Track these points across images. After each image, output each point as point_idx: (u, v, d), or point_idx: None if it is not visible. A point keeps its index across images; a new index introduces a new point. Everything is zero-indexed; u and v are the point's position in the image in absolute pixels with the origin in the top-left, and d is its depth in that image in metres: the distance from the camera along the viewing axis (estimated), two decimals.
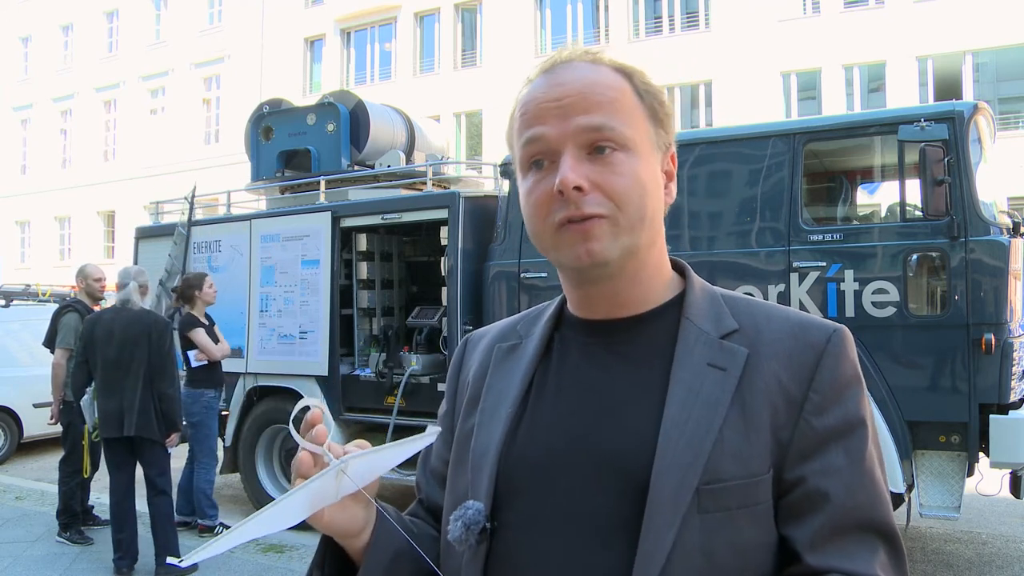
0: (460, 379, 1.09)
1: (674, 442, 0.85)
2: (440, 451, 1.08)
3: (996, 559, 5.29)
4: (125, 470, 4.99)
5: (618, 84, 0.92)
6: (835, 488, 0.85)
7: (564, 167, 0.87)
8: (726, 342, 0.91)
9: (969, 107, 4.44)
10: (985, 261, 4.19)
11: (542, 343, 1.00)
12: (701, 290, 0.98)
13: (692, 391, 0.87)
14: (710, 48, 19.11)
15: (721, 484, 0.83)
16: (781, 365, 0.89)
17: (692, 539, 0.82)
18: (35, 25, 31.36)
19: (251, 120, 7.28)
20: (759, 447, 0.85)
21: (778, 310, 0.96)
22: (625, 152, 0.89)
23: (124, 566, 4.88)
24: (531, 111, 0.92)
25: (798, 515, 0.85)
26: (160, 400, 4.88)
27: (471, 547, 0.90)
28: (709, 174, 4.87)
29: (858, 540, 0.85)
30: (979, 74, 17.22)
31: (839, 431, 0.87)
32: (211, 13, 26.90)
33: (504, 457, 0.92)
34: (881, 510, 0.87)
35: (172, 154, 26.41)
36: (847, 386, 0.89)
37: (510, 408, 0.95)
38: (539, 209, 0.91)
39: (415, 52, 23.62)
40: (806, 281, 4.53)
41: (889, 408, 4.34)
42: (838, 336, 0.92)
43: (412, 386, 5.71)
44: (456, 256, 5.54)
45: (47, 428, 6.73)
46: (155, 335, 4.91)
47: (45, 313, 6.25)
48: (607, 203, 0.88)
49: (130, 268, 5.32)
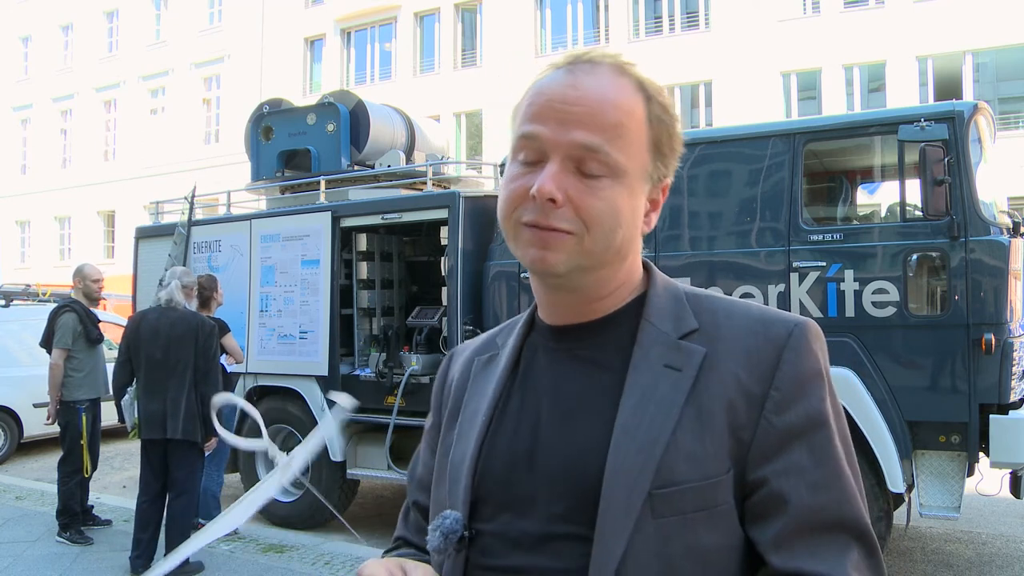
0: (444, 392, 1.10)
1: (624, 447, 0.84)
2: (427, 460, 1.09)
3: (996, 559, 5.28)
4: (160, 473, 4.94)
5: (631, 106, 0.89)
6: (798, 488, 0.83)
7: (546, 174, 0.86)
8: (684, 342, 0.90)
9: (969, 107, 4.44)
10: (985, 261, 4.19)
11: (515, 352, 1.00)
12: (664, 289, 0.96)
13: (646, 394, 0.86)
14: (710, 48, 19.10)
15: (675, 487, 0.82)
16: (740, 363, 0.87)
17: (647, 544, 0.82)
18: (35, 25, 31.35)
19: (251, 120, 7.27)
20: (715, 448, 0.84)
21: (739, 306, 0.94)
22: (613, 179, 0.87)
23: (140, 565, 4.86)
24: (538, 105, 0.90)
25: (762, 516, 0.84)
26: (203, 403, 4.82)
27: (450, 555, 0.91)
28: (709, 174, 4.87)
29: (828, 540, 0.83)
30: (979, 74, 17.21)
31: (801, 429, 0.85)
32: (211, 13, 26.88)
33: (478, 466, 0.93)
34: (850, 508, 0.85)
35: (172, 154, 26.41)
36: (809, 381, 0.87)
37: (483, 418, 0.96)
38: (511, 202, 0.90)
39: (415, 52, 23.62)
40: (806, 281, 4.53)
41: (889, 408, 4.34)
42: (800, 330, 0.89)
43: (412, 386, 5.71)
44: (456, 256, 5.54)
45: (47, 428, 6.73)
46: (202, 337, 4.86)
47: (45, 313, 6.24)
48: (576, 221, 0.86)
49: (176, 268, 5.28)
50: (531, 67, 20.79)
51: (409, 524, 1.11)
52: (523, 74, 21.81)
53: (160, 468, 4.95)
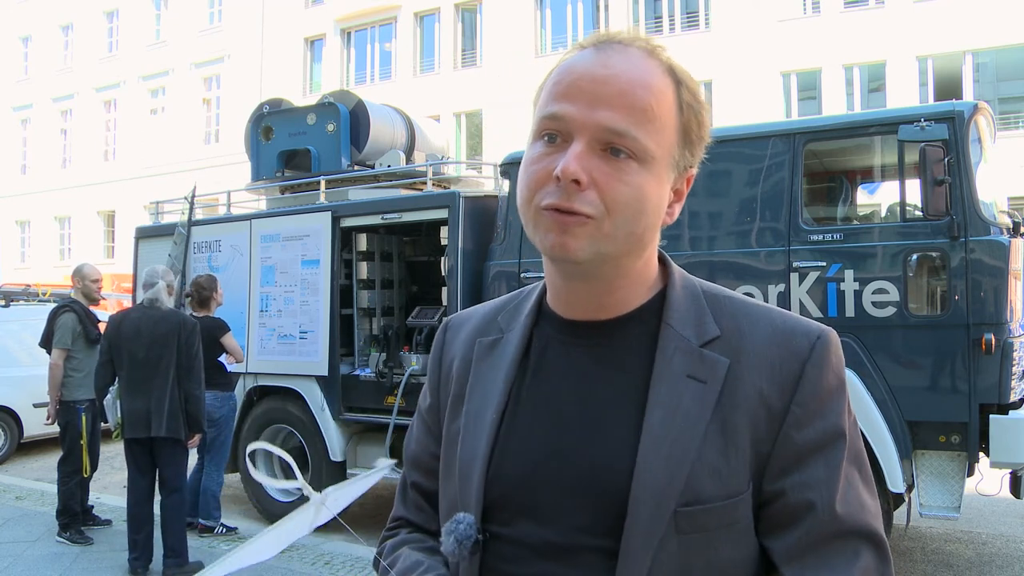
0: (442, 370, 1.06)
1: (653, 464, 0.83)
2: (423, 440, 1.07)
3: (996, 559, 5.28)
4: (148, 473, 4.96)
5: (662, 90, 0.86)
6: (814, 501, 0.84)
7: (570, 155, 0.83)
8: (707, 351, 0.88)
9: (969, 107, 4.43)
10: (985, 261, 4.19)
11: (523, 341, 0.97)
12: (682, 288, 0.94)
13: (671, 407, 0.85)
14: (710, 48, 19.10)
15: (700, 506, 0.82)
16: (763, 376, 0.86)
17: (670, 561, 0.82)
18: (35, 25, 31.35)
19: (251, 120, 7.27)
20: (738, 464, 0.84)
21: (762, 313, 0.92)
22: (639, 163, 0.84)
23: (139, 566, 4.87)
24: (565, 83, 0.86)
25: (777, 527, 0.85)
26: (187, 401, 4.84)
27: (464, 559, 0.90)
28: (709, 174, 4.86)
29: (838, 549, 0.83)
30: (979, 74, 17.21)
31: (820, 443, 0.86)
32: (211, 13, 26.89)
33: (490, 468, 0.91)
34: (864, 517, 0.85)
35: (172, 154, 26.41)
36: (829, 397, 0.87)
37: (494, 414, 0.93)
38: (533, 184, 0.86)
39: (415, 52, 23.62)
40: (806, 281, 4.53)
41: (889, 408, 4.34)
42: (822, 343, 0.89)
43: (412, 386, 5.71)
44: (456, 256, 5.54)
45: (47, 428, 6.73)
46: (184, 335, 4.86)
47: (45, 313, 6.24)
48: (599, 205, 0.83)
49: (158, 268, 5.29)
50: (531, 67, 20.81)
51: (408, 502, 1.09)
52: (523, 74, 21.87)
53: (147, 467, 4.96)
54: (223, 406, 5.74)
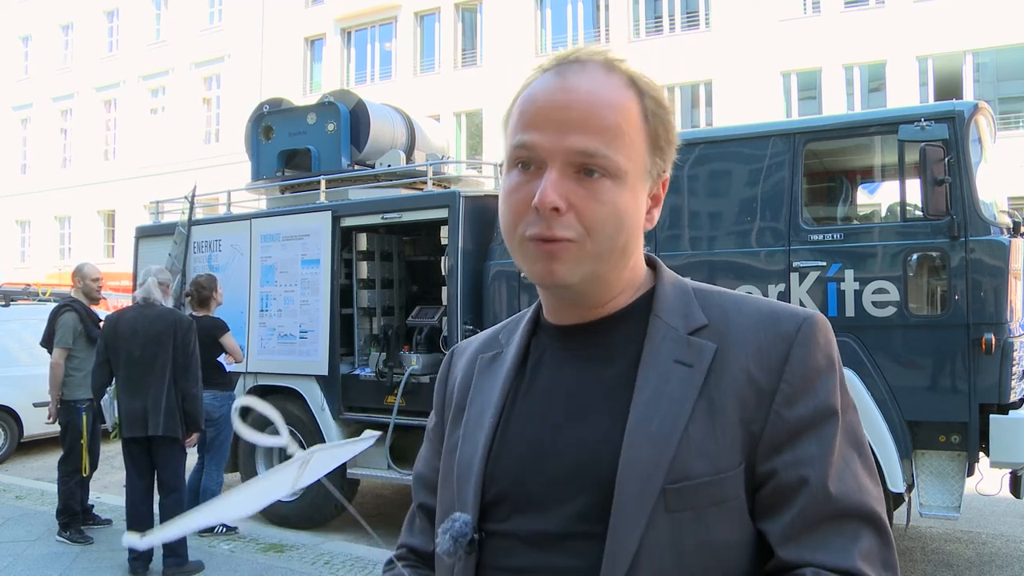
0: (447, 391, 1.09)
1: (638, 442, 0.84)
2: (429, 459, 1.09)
3: (996, 559, 5.29)
4: (146, 472, 4.95)
5: (625, 104, 0.88)
6: (807, 477, 0.83)
7: (546, 184, 0.84)
8: (694, 338, 0.89)
9: (969, 107, 4.44)
10: (985, 261, 4.19)
11: (520, 351, 0.99)
12: (671, 285, 0.96)
13: (658, 390, 0.86)
14: (710, 48, 19.10)
15: (688, 482, 0.83)
16: (750, 357, 0.87)
17: (660, 539, 0.82)
18: (35, 25, 31.35)
19: (251, 120, 7.27)
20: (727, 443, 0.84)
21: (749, 301, 0.94)
22: (613, 180, 0.86)
23: (139, 567, 4.87)
24: (530, 113, 0.88)
25: (771, 509, 0.84)
26: (184, 400, 4.84)
27: (460, 558, 0.90)
28: (709, 174, 4.87)
29: (837, 530, 0.82)
30: (979, 74, 17.21)
31: (811, 421, 0.85)
32: (211, 13, 26.89)
33: (487, 467, 0.93)
34: (861, 497, 0.84)
35: (172, 154, 26.41)
36: (818, 374, 0.87)
37: (491, 419, 0.95)
38: (513, 215, 0.89)
39: (415, 52, 23.62)
40: (806, 281, 4.53)
41: (889, 408, 4.34)
42: (809, 324, 0.89)
43: (412, 385, 5.71)
44: (456, 256, 5.54)
45: (47, 427, 6.73)
46: (180, 333, 4.85)
47: (45, 313, 6.24)
48: (578, 228, 0.85)
49: (151, 267, 5.29)
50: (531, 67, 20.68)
51: (415, 530, 1.10)
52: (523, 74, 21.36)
53: (145, 466, 4.95)
54: (222, 406, 5.74)
